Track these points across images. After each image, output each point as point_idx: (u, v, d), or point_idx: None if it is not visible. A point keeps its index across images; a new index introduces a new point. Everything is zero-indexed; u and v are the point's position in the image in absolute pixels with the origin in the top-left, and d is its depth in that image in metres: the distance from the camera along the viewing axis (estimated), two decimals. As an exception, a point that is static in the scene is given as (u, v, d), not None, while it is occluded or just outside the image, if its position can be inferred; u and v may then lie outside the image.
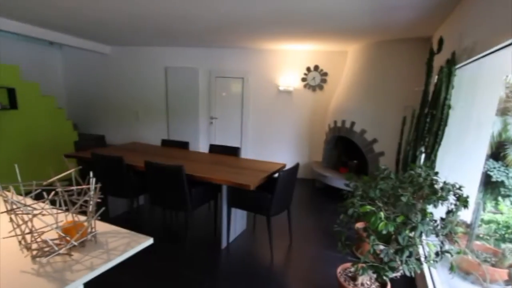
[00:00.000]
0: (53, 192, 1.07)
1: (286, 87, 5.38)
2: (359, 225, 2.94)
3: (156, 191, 2.93)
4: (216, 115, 5.85)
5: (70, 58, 6.29)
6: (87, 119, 6.57)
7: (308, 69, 5.28)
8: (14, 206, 0.93)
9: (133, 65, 6.04)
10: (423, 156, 2.60)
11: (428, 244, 1.65)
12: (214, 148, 3.89)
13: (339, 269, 2.25)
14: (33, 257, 1.00)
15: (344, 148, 5.06)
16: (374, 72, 4.38)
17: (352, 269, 2.20)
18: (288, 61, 5.37)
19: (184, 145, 4.07)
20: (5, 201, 0.94)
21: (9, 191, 0.98)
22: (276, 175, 2.78)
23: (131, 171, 3.07)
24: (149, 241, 1.15)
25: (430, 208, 1.73)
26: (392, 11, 2.91)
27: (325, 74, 5.24)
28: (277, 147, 5.73)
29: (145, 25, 4.01)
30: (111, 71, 6.18)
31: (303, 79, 5.35)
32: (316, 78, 5.28)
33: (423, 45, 3.90)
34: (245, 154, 5.74)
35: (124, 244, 1.11)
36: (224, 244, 3.05)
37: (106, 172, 3.06)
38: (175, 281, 2.46)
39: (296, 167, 2.91)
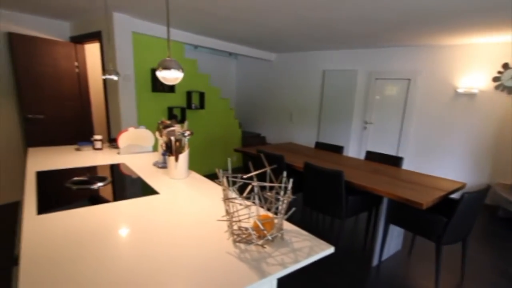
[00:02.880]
0: (249, 186, 1.22)
1: (468, 89, 4.41)
2: None
3: (311, 193, 2.98)
4: (371, 119, 5.46)
5: (242, 66, 7.35)
6: (247, 118, 7.52)
7: (505, 65, 4.13)
8: (231, 196, 1.12)
9: (292, 69, 6.44)
10: None
11: None
12: (371, 156, 3.63)
13: None
14: (234, 242, 1.17)
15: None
16: None
17: None
18: (473, 57, 4.38)
19: (338, 149, 3.99)
20: (223, 190, 1.14)
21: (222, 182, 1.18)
22: (454, 195, 2.30)
23: (287, 170, 3.26)
24: (331, 249, 1.14)
25: None
26: None
27: (531, 71, 3.97)
28: (445, 160, 4.81)
29: (314, 30, 4.13)
30: (273, 76, 6.81)
31: (495, 79, 4.23)
32: (515, 77, 4.08)
33: None
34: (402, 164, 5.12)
35: (307, 247, 1.14)
36: (375, 261, 2.81)
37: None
38: None
39: (486, 190, 2.32)
